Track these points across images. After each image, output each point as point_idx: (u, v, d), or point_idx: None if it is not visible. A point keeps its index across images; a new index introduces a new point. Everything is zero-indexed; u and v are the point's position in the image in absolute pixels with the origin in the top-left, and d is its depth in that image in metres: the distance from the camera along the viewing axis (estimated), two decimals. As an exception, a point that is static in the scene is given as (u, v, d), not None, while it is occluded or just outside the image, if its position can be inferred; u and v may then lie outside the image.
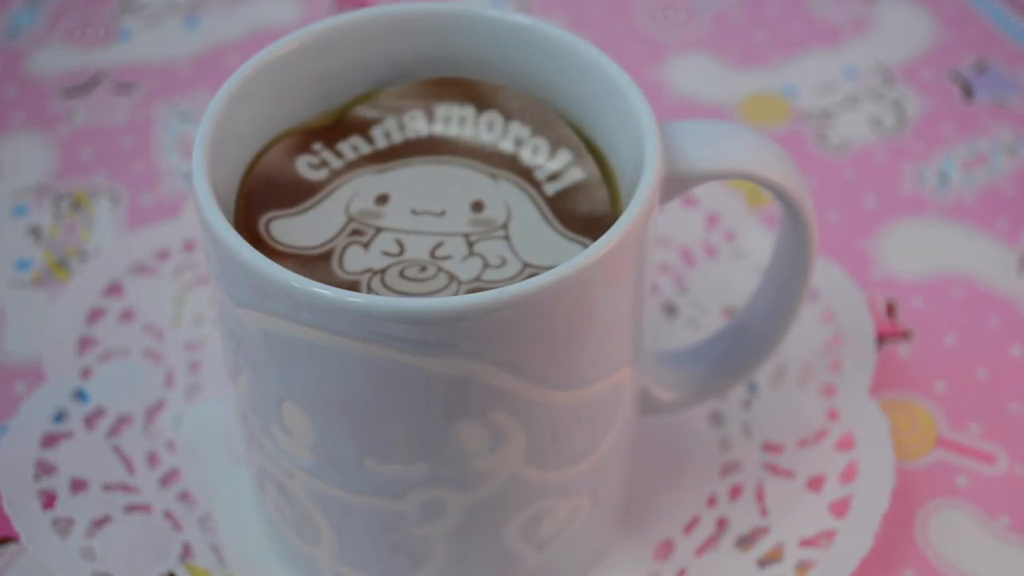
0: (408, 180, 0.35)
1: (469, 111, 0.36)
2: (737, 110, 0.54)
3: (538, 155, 0.35)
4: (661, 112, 0.35)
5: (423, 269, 0.33)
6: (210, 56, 0.56)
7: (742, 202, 0.49)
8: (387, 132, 0.36)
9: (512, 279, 0.32)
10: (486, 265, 0.33)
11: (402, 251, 0.33)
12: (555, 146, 0.36)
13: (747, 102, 0.54)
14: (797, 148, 0.52)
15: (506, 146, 0.36)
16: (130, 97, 0.54)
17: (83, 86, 0.55)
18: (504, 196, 0.35)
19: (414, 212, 0.34)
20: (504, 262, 0.33)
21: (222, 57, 0.56)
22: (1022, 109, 0.54)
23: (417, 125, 0.36)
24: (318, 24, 0.36)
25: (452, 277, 0.32)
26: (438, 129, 0.36)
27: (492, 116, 0.36)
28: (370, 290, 0.32)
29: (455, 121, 0.36)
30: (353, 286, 0.32)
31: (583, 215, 0.34)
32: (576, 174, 0.35)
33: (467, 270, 0.33)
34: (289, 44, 0.35)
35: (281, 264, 0.30)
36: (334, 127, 0.36)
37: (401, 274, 0.32)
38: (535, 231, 0.34)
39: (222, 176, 0.33)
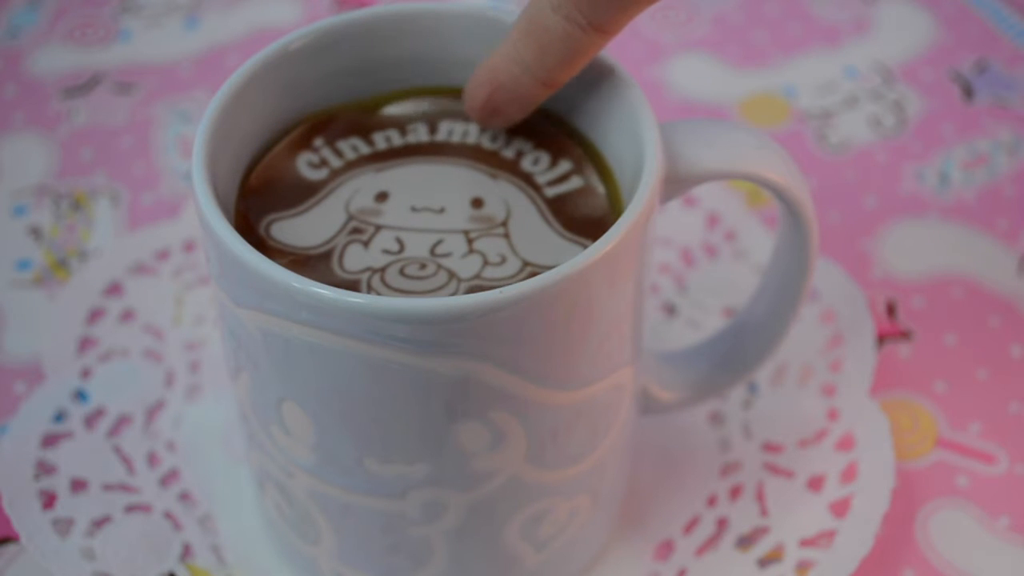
0: (407, 178, 0.35)
1: (473, 126, 0.36)
2: (737, 110, 0.54)
3: (539, 164, 0.36)
4: (661, 112, 0.35)
5: (423, 267, 0.33)
6: (210, 56, 0.56)
7: (742, 202, 0.49)
8: (388, 137, 0.36)
9: (512, 277, 0.32)
10: (486, 263, 0.33)
11: (402, 249, 0.33)
12: (556, 157, 0.36)
13: (747, 102, 0.54)
14: (797, 148, 0.52)
15: (507, 154, 0.36)
16: (130, 97, 0.54)
17: (83, 86, 0.55)
18: (503, 194, 0.35)
19: (413, 209, 0.34)
20: (504, 260, 0.33)
21: (222, 57, 0.56)
22: (1022, 109, 0.54)
23: (419, 135, 0.36)
24: (318, 24, 0.36)
25: (452, 275, 0.32)
26: (440, 138, 0.36)
27: (496, 131, 0.36)
28: (370, 289, 0.32)
29: (458, 134, 0.36)
30: (353, 285, 0.32)
31: (582, 216, 0.34)
32: (576, 182, 0.35)
33: (467, 268, 0.33)
34: (289, 44, 0.35)
35: (281, 264, 0.30)
36: (335, 128, 0.36)
37: (401, 272, 0.32)
38: (534, 230, 0.34)
39: (222, 176, 0.33)
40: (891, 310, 0.47)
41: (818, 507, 0.40)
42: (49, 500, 0.40)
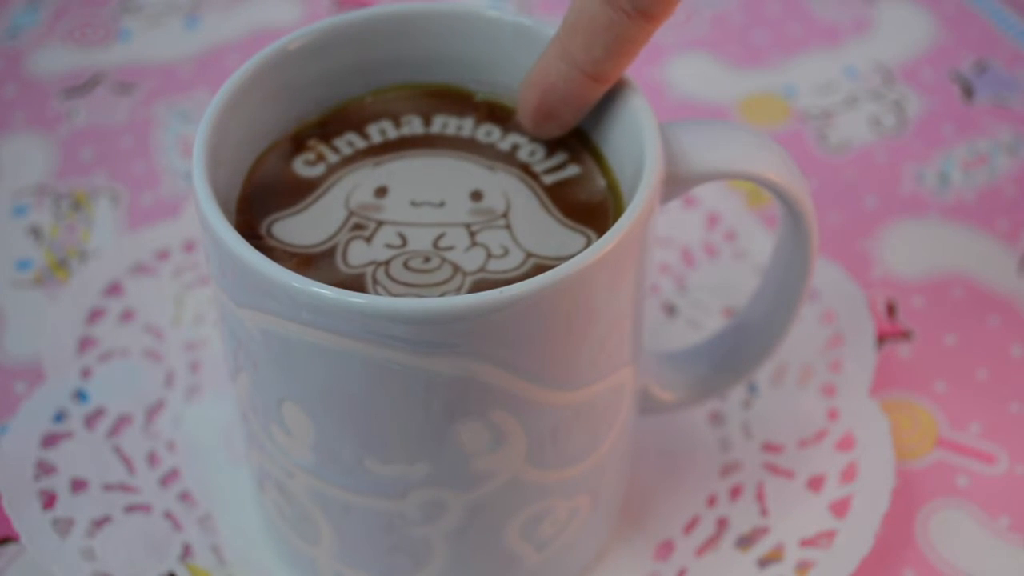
0: (405, 172, 0.35)
1: (468, 121, 0.37)
2: (737, 110, 0.54)
3: (535, 156, 0.36)
4: (661, 112, 0.35)
5: (427, 260, 0.33)
6: (210, 56, 0.56)
7: (742, 202, 0.49)
8: (382, 130, 0.36)
9: (515, 269, 0.33)
10: (489, 255, 0.33)
11: (404, 243, 0.33)
12: (552, 148, 0.36)
13: (747, 102, 0.54)
14: (797, 148, 0.52)
15: (503, 147, 0.36)
16: (130, 97, 0.54)
17: (83, 86, 0.55)
18: (502, 185, 0.35)
19: (414, 203, 0.34)
20: (507, 252, 0.33)
21: (222, 57, 0.56)
22: (1022, 109, 0.54)
23: (413, 128, 0.36)
24: (318, 24, 0.36)
25: (457, 268, 0.32)
26: (435, 130, 0.36)
27: (490, 127, 0.36)
28: (375, 281, 0.32)
29: (452, 127, 0.36)
30: (358, 279, 0.32)
31: (582, 204, 0.34)
32: (573, 169, 0.35)
33: (471, 261, 0.33)
34: (289, 44, 0.35)
35: (285, 263, 0.30)
36: (331, 126, 0.36)
37: (405, 265, 0.33)
38: (535, 220, 0.34)
39: (222, 176, 0.33)
40: (891, 310, 0.47)
41: (818, 507, 0.40)
42: (49, 500, 0.40)
